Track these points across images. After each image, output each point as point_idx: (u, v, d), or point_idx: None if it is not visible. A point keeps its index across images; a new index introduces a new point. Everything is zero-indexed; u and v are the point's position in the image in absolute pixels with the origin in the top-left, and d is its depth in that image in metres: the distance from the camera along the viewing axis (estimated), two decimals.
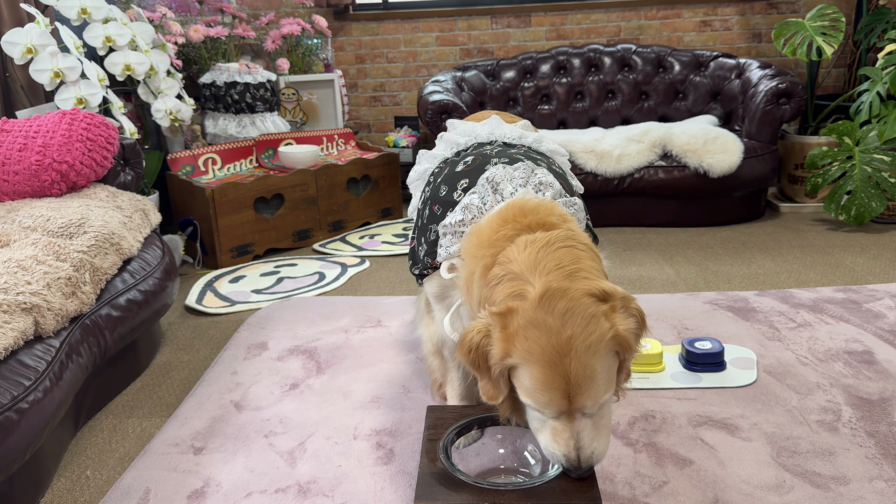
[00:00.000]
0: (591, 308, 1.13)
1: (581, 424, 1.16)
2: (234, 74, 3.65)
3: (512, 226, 1.28)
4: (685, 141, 3.47)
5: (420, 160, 1.76)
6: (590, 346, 1.11)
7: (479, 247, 1.29)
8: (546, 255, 1.19)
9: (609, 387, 1.16)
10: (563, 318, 1.11)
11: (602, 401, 1.15)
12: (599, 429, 1.18)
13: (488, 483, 1.21)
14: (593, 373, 1.12)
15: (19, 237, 1.90)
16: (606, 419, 1.20)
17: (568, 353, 1.11)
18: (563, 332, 1.11)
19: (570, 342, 1.11)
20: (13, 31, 2.73)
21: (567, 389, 1.12)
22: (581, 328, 1.11)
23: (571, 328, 1.11)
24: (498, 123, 1.72)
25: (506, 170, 1.43)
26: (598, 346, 1.12)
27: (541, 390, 1.13)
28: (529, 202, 1.33)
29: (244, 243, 3.30)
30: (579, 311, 1.12)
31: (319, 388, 1.98)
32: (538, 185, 1.40)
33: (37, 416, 1.47)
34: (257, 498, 1.51)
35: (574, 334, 1.11)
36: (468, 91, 4.08)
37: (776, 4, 4.24)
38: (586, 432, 1.16)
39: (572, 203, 1.41)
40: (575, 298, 1.13)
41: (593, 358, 1.12)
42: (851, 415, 1.71)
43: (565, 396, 1.13)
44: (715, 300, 2.46)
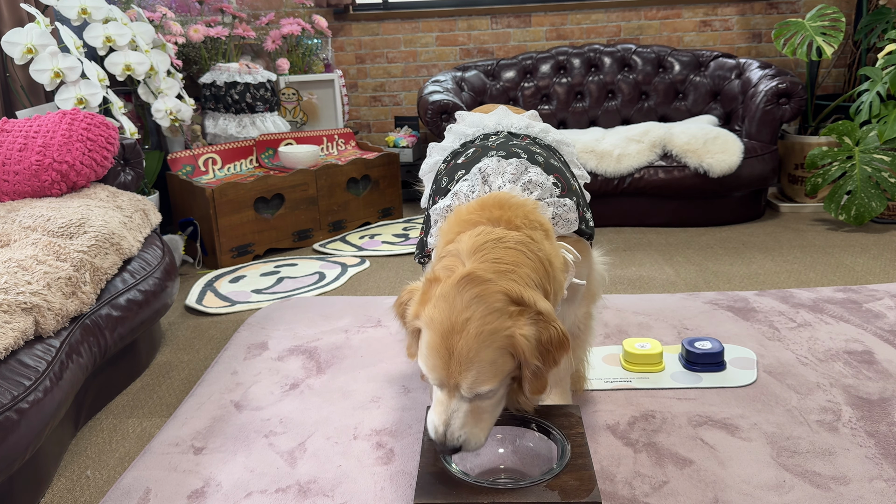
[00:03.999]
0: (499, 304, 1.20)
1: (457, 405, 1.22)
2: (235, 74, 3.65)
3: (483, 213, 1.34)
4: (685, 141, 3.47)
5: (430, 152, 1.79)
6: (481, 333, 1.18)
7: (451, 224, 1.38)
8: (491, 247, 1.26)
9: (489, 381, 1.20)
10: (470, 302, 1.19)
11: (478, 390, 1.20)
12: (477, 418, 1.23)
13: (488, 483, 1.21)
14: (476, 357, 1.18)
15: (19, 237, 1.90)
16: (488, 413, 1.25)
17: (460, 332, 1.18)
18: (464, 313, 1.18)
19: (465, 323, 1.18)
20: (13, 31, 2.73)
21: (449, 362, 1.19)
22: (480, 315, 1.18)
23: (472, 312, 1.18)
24: (505, 113, 1.73)
25: (499, 163, 1.46)
26: (489, 337, 1.18)
27: (429, 354, 1.21)
28: (514, 198, 1.37)
29: (244, 243, 3.30)
30: (487, 301, 1.19)
31: (319, 388, 1.98)
32: (527, 183, 1.42)
33: (37, 416, 1.47)
34: (257, 498, 1.51)
35: (472, 317, 1.18)
36: (468, 91, 4.08)
37: (776, 4, 4.24)
38: (459, 414, 1.22)
39: (561, 204, 1.43)
40: (490, 291, 1.20)
41: (481, 345, 1.18)
42: (851, 415, 1.71)
43: (446, 368, 1.20)
44: (715, 300, 2.46)
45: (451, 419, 1.22)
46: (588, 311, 1.63)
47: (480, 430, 1.24)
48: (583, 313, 1.60)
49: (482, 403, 1.24)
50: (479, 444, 1.25)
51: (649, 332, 2.24)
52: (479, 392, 1.21)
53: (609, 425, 1.71)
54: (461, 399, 1.22)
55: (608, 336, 2.21)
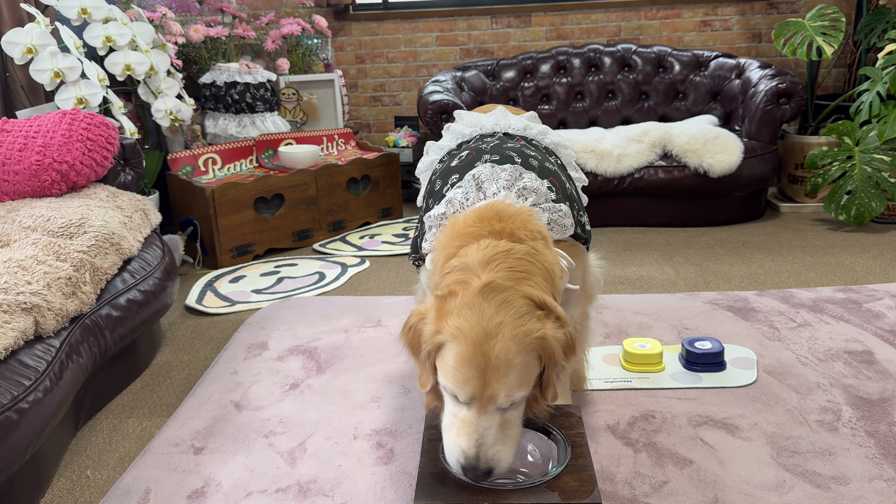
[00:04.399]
0: (526, 308, 1.18)
1: (489, 421, 1.16)
2: (235, 74, 3.65)
3: (484, 226, 1.32)
4: (685, 141, 3.47)
5: (428, 151, 1.79)
6: (516, 336, 1.15)
7: (450, 237, 1.34)
8: (502, 258, 1.23)
9: (524, 386, 1.18)
10: (498, 307, 1.16)
11: (515, 397, 1.17)
12: (506, 435, 1.18)
13: (488, 483, 1.21)
14: (513, 361, 1.14)
15: (19, 237, 1.90)
16: (514, 429, 1.20)
17: (495, 336, 1.14)
18: (495, 317, 1.15)
19: (499, 327, 1.15)
20: (13, 31, 2.73)
21: (485, 370, 1.14)
22: (512, 319, 1.16)
23: (503, 316, 1.15)
24: (504, 114, 1.72)
25: (493, 169, 1.45)
26: (524, 339, 1.15)
27: (460, 366, 1.15)
28: (510, 208, 1.35)
29: (244, 243, 3.30)
30: (515, 305, 1.17)
31: (319, 388, 1.98)
32: (521, 189, 1.41)
33: (37, 416, 1.47)
34: (257, 498, 1.51)
35: (504, 321, 1.15)
36: (468, 91, 4.08)
37: (776, 4, 4.24)
38: (492, 430, 1.16)
39: (556, 210, 1.42)
40: (515, 297, 1.18)
41: (517, 347, 1.15)
42: (851, 415, 1.71)
43: (482, 377, 1.14)
44: (715, 300, 2.46)
45: (483, 438, 1.15)
46: (585, 311, 1.63)
47: (510, 447, 1.19)
48: (579, 314, 1.60)
49: (511, 415, 1.19)
50: (508, 462, 1.19)
51: (649, 332, 2.24)
52: (515, 400, 1.17)
53: (609, 425, 1.71)
54: (493, 413, 1.17)
55: (608, 336, 2.21)
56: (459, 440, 1.17)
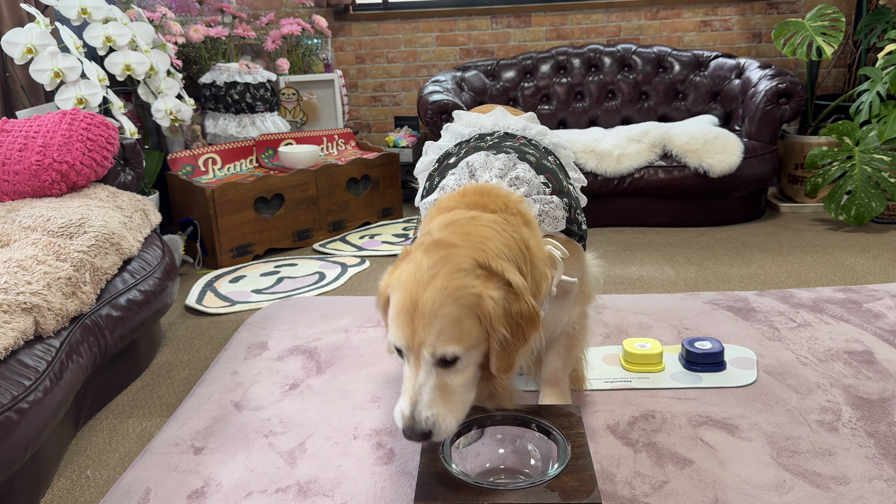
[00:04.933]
0: (466, 265, 1.17)
1: (424, 377, 1.16)
2: (235, 74, 3.65)
3: (461, 200, 1.34)
4: (685, 141, 3.47)
5: (427, 151, 1.79)
6: (446, 287, 1.15)
7: (432, 213, 1.37)
8: (464, 223, 1.25)
9: (457, 340, 1.15)
10: (437, 261, 1.17)
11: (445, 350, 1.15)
12: (446, 397, 1.16)
13: (488, 483, 1.21)
14: (439, 310, 1.14)
15: (19, 237, 1.90)
16: (458, 395, 1.18)
17: (425, 286, 1.15)
18: (431, 269, 1.17)
19: (431, 278, 1.16)
20: (13, 31, 2.73)
21: (413, 317, 1.15)
22: (447, 273, 1.16)
23: (438, 269, 1.16)
24: (503, 114, 1.73)
25: (487, 158, 1.47)
26: (454, 291, 1.15)
27: (394, 314, 1.18)
28: (497, 189, 1.37)
29: (244, 243, 3.30)
30: (453, 261, 1.17)
31: (319, 388, 1.98)
32: (514, 179, 1.43)
33: (37, 416, 1.47)
34: (257, 498, 1.51)
35: (438, 273, 1.16)
36: (468, 91, 4.08)
37: (776, 4, 4.24)
38: (427, 388, 1.15)
39: (548, 201, 1.43)
40: (458, 255, 1.18)
41: (444, 298, 1.14)
42: (851, 415, 1.71)
43: (411, 324, 1.16)
44: (715, 300, 2.46)
45: (418, 396, 1.15)
46: (583, 310, 1.63)
47: (450, 411, 1.16)
48: (577, 313, 1.60)
49: (450, 379, 1.18)
50: (449, 428, 1.17)
51: (649, 332, 2.23)
52: (445, 353, 1.15)
53: (609, 425, 1.71)
54: (430, 370, 1.16)
55: (608, 336, 2.21)
56: (400, 403, 1.17)
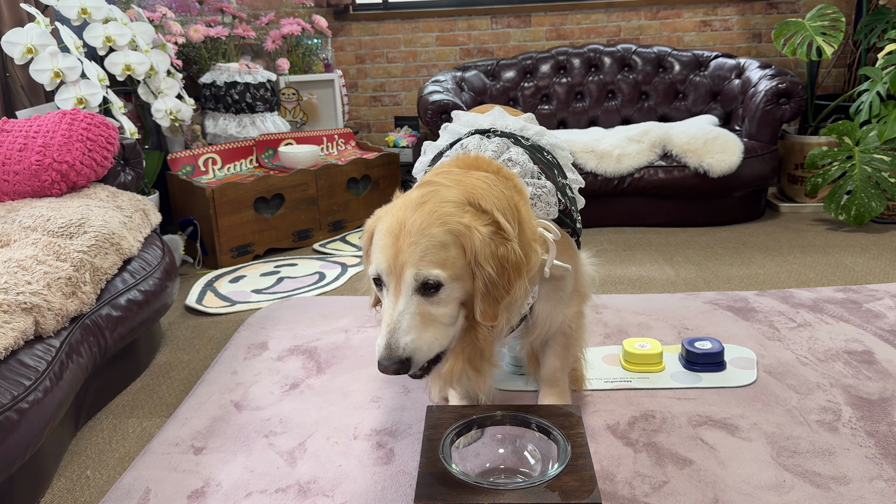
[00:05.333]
0: (457, 199, 1.19)
1: (404, 304, 1.13)
2: (235, 74, 3.65)
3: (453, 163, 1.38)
4: (685, 141, 3.47)
5: (425, 151, 1.81)
6: (435, 211, 1.16)
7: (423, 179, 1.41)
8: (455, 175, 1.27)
9: (441, 265, 1.14)
10: (427, 193, 1.20)
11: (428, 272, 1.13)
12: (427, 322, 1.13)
13: (488, 483, 1.21)
14: (426, 230, 1.15)
15: (19, 237, 1.90)
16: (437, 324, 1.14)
17: (414, 210, 1.17)
18: (420, 200, 1.19)
19: (421, 205, 1.18)
20: (13, 31, 2.73)
21: (399, 235, 1.15)
22: (437, 201, 1.18)
23: (429, 198, 1.19)
24: (501, 114, 1.73)
25: (482, 141, 1.49)
26: (442, 216, 1.16)
27: (379, 239, 1.20)
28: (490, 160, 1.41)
29: (244, 243, 3.30)
30: (445, 195, 1.19)
31: (319, 387, 1.98)
32: (507, 160, 1.45)
33: (37, 416, 1.47)
34: (257, 498, 1.51)
35: (427, 201, 1.18)
36: (468, 91, 4.08)
37: (776, 4, 4.24)
38: (407, 315, 1.12)
39: (540, 185, 1.44)
40: (449, 191, 1.20)
41: (434, 221, 1.15)
42: (851, 415, 1.71)
43: (395, 245, 1.15)
44: (715, 300, 2.46)
45: (397, 323, 1.11)
46: (579, 309, 1.62)
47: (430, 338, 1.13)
48: (573, 312, 1.60)
49: (432, 308, 1.15)
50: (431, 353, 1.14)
51: (649, 332, 2.23)
52: (428, 277, 1.13)
53: (609, 425, 1.71)
54: (410, 297, 1.14)
55: (608, 336, 2.21)
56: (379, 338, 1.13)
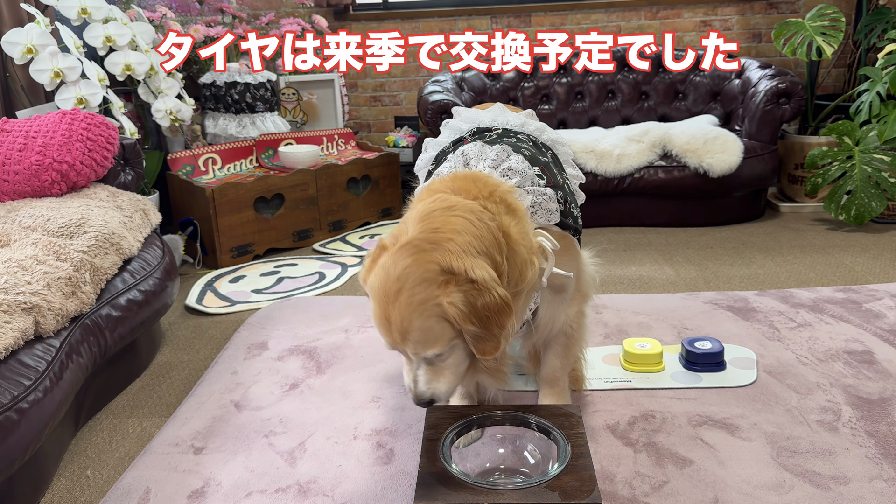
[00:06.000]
0: (429, 274, 1.23)
1: (417, 367, 1.30)
2: (235, 74, 3.65)
3: (450, 184, 1.38)
4: (685, 141, 3.47)
5: (426, 147, 1.81)
6: (411, 304, 1.23)
7: (420, 193, 1.43)
8: (438, 215, 1.29)
9: (433, 344, 1.25)
10: (402, 272, 1.23)
11: (426, 354, 1.26)
12: (439, 374, 1.30)
13: (488, 483, 1.21)
14: (410, 326, 1.23)
15: (19, 237, 1.90)
16: (449, 371, 1.31)
17: (393, 302, 1.24)
18: (396, 283, 1.23)
19: (397, 294, 1.23)
20: (13, 31, 2.73)
21: (391, 330, 1.26)
22: (410, 287, 1.23)
23: (402, 283, 1.23)
24: (501, 111, 1.74)
25: (482, 148, 1.50)
26: (419, 306, 1.23)
27: (375, 323, 1.29)
28: (487, 177, 1.41)
29: (244, 243, 3.30)
30: (418, 273, 1.23)
31: (319, 387, 1.98)
32: (506, 169, 1.45)
33: (37, 416, 1.47)
34: (257, 498, 1.51)
35: (402, 288, 1.23)
36: (468, 91, 4.08)
37: (776, 4, 4.24)
38: (423, 374, 1.30)
39: (540, 193, 1.44)
40: (422, 261, 1.23)
41: (412, 314, 1.23)
42: (851, 415, 1.71)
43: (390, 335, 1.27)
44: (715, 300, 2.46)
45: (416, 379, 1.30)
46: (580, 309, 1.63)
47: (443, 384, 1.31)
48: (574, 312, 1.60)
49: (440, 364, 1.30)
50: (446, 396, 1.33)
51: (649, 332, 2.23)
52: (426, 356, 1.27)
53: (609, 425, 1.71)
54: (420, 362, 1.29)
55: (608, 336, 2.21)
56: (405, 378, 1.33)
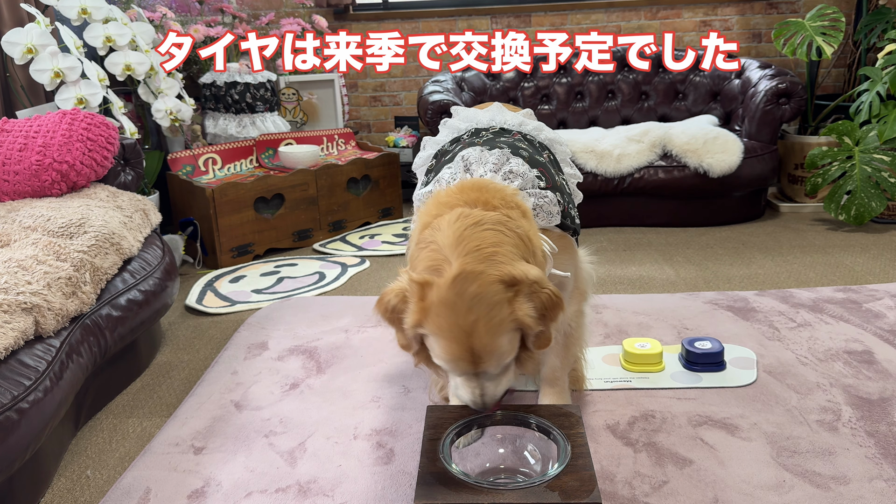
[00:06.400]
0: (497, 295, 1.22)
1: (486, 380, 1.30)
2: (235, 74, 3.65)
3: (461, 196, 1.36)
4: (685, 141, 3.47)
5: (425, 146, 1.82)
6: (490, 329, 1.22)
7: (429, 207, 1.39)
8: (471, 234, 1.26)
9: (510, 353, 1.29)
10: (471, 303, 1.21)
11: (503, 364, 1.29)
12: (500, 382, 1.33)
13: (488, 483, 1.21)
14: (494, 348, 1.24)
15: (20, 237, 1.90)
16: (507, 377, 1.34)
17: (472, 334, 1.22)
18: (469, 315, 1.21)
19: (474, 325, 1.21)
20: (13, 31, 2.73)
21: (471, 359, 1.25)
22: (485, 312, 1.21)
23: (477, 312, 1.21)
24: (499, 110, 1.74)
25: (482, 153, 1.49)
26: (498, 328, 1.23)
27: (449, 360, 1.26)
28: (491, 183, 1.40)
29: (244, 243, 3.30)
30: (486, 297, 1.21)
31: (319, 387, 1.98)
32: (508, 173, 1.45)
33: (37, 416, 1.47)
34: (257, 498, 1.51)
35: (479, 318, 1.21)
36: (468, 91, 4.08)
37: (776, 4, 4.24)
38: (490, 383, 1.31)
39: (542, 196, 1.45)
40: (485, 284, 1.22)
41: (494, 337, 1.23)
42: (851, 415, 1.71)
43: (470, 364, 1.25)
44: (715, 300, 2.46)
45: (484, 390, 1.31)
46: (579, 308, 1.63)
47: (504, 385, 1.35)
48: (573, 311, 1.61)
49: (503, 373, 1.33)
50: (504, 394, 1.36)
51: (649, 332, 2.24)
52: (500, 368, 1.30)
53: (609, 425, 1.71)
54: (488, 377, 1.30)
55: (608, 336, 2.21)
56: (463, 393, 1.32)
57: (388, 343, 2.25)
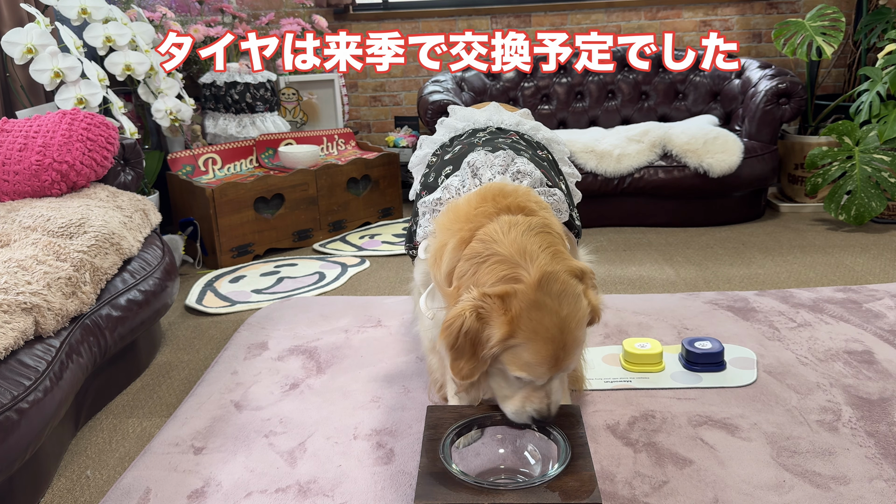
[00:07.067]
0: (577, 288, 1.29)
1: (554, 383, 1.32)
2: (235, 74, 3.65)
3: (492, 204, 1.36)
4: (685, 141, 3.47)
5: (421, 145, 1.82)
6: (579, 322, 1.28)
7: (454, 221, 1.38)
8: (528, 239, 1.29)
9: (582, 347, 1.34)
10: (560, 299, 1.25)
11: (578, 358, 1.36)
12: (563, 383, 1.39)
13: (488, 483, 1.21)
14: (579, 341, 1.30)
15: (19, 237, 1.90)
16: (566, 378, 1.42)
17: (564, 329, 1.25)
18: (561, 311, 1.25)
19: (566, 320, 1.25)
20: (13, 31, 2.73)
21: (557, 359, 1.27)
22: (573, 306, 1.27)
23: (567, 308, 1.26)
24: (497, 110, 1.75)
25: (487, 156, 1.49)
26: (583, 319, 1.30)
27: (541, 363, 1.26)
28: (508, 186, 1.41)
29: (244, 243, 3.30)
30: (569, 291, 1.27)
31: (319, 387, 1.98)
32: (516, 173, 1.46)
33: (37, 416, 1.47)
34: (257, 498, 1.51)
35: (570, 313, 1.26)
36: (468, 91, 4.08)
37: (776, 4, 4.24)
38: (556, 387, 1.33)
39: (551, 193, 1.47)
40: (565, 280, 1.26)
41: (580, 330, 1.29)
42: (851, 415, 1.71)
43: (554, 365, 1.27)
44: (715, 300, 2.46)
45: (552, 396, 1.33)
46: None
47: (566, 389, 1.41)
48: None
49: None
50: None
51: (649, 332, 2.24)
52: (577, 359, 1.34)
53: (609, 425, 1.71)
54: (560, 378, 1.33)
55: (608, 336, 2.21)
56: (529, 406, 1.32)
57: (388, 343, 2.25)
